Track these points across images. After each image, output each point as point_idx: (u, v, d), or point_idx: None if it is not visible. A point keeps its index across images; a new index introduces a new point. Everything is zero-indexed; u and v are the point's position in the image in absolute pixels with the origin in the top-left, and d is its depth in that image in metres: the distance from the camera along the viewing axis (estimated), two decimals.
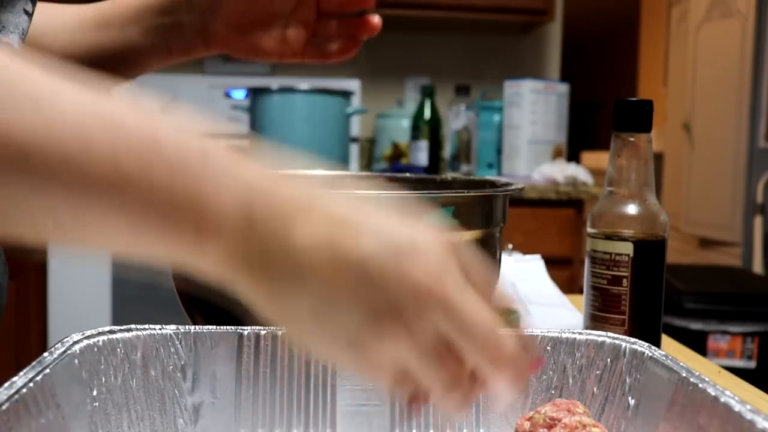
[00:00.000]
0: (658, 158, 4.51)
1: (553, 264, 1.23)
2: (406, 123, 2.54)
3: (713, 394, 0.41)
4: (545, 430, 0.46)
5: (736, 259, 3.59)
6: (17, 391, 0.38)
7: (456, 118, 2.52)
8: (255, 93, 2.13)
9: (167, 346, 0.50)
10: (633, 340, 0.50)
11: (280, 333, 0.51)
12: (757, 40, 3.57)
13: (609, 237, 0.71)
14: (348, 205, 0.35)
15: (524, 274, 1.08)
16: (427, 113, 2.45)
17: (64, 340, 0.46)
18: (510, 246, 1.19)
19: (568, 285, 2.01)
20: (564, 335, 0.52)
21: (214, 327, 0.51)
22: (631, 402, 0.48)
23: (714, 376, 0.73)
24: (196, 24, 0.70)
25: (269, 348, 0.51)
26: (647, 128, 0.72)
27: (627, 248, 0.70)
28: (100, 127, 0.33)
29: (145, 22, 0.71)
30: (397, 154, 2.53)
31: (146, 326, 0.50)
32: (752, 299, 2.11)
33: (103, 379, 0.46)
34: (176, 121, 0.35)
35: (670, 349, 0.83)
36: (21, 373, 0.40)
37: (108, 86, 0.36)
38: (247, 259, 0.35)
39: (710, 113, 3.98)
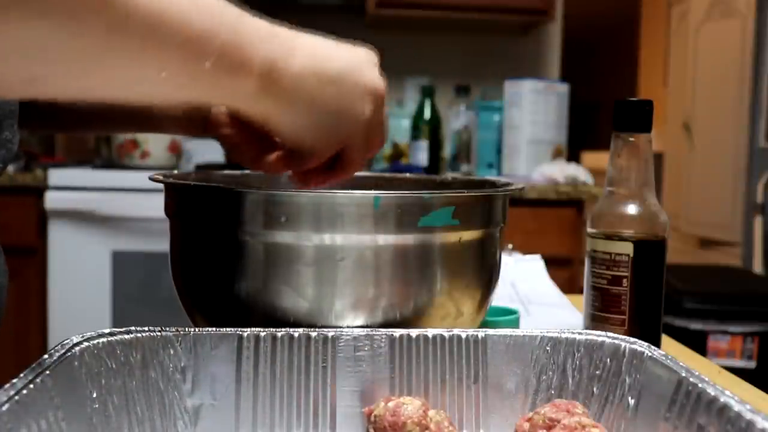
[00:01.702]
0: (658, 158, 4.51)
1: (553, 264, 1.23)
2: (406, 123, 2.54)
3: (713, 394, 0.41)
4: (544, 431, 0.46)
5: (736, 259, 3.60)
6: (17, 393, 0.38)
7: (456, 118, 2.52)
8: None
9: (167, 348, 0.50)
10: (633, 340, 0.50)
11: (279, 334, 0.51)
12: (757, 40, 3.57)
13: (609, 237, 0.71)
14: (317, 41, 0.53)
15: (524, 274, 1.08)
16: (427, 113, 2.45)
17: (64, 342, 0.46)
18: (510, 246, 1.19)
19: (568, 285, 2.01)
20: (564, 335, 0.52)
21: (214, 329, 0.51)
22: (631, 402, 0.48)
23: (714, 376, 0.73)
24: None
25: (269, 350, 0.51)
26: (647, 128, 0.72)
27: (627, 248, 0.70)
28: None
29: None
30: (397, 154, 2.53)
31: (146, 328, 0.50)
32: (752, 299, 2.11)
33: (103, 381, 0.46)
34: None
35: (670, 349, 0.83)
36: (21, 375, 0.40)
37: None
38: (266, 92, 0.50)
39: (710, 113, 3.98)
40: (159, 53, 0.43)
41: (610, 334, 0.52)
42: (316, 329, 0.51)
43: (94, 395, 0.45)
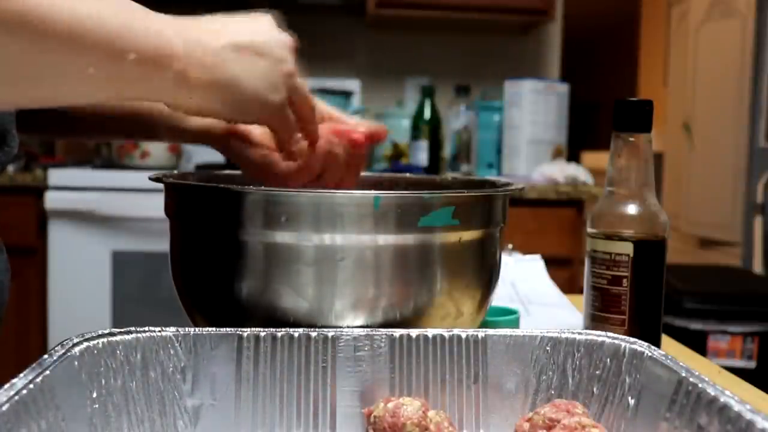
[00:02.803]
0: (658, 158, 4.51)
1: (553, 264, 1.23)
2: (406, 123, 2.54)
3: (713, 394, 0.41)
4: (544, 431, 0.46)
5: (736, 259, 3.59)
6: (17, 393, 0.38)
7: (456, 118, 2.52)
8: None
9: (167, 348, 0.50)
10: (633, 339, 0.50)
11: (279, 334, 0.51)
12: (757, 40, 3.56)
13: (609, 237, 0.71)
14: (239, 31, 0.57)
15: (524, 274, 1.08)
16: (427, 113, 2.45)
17: (64, 342, 0.46)
18: (510, 246, 1.19)
19: (568, 285, 2.01)
20: (564, 335, 0.52)
21: (214, 329, 0.51)
22: (631, 402, 0.48)
23: (714, 376, 0.73)
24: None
25: (269, 350, 0.51)
26: (647, 128, 0.72)
27: (627, 248, 0.70)
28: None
29: None
30: (397, 154, 2.53)
31: (146, 328, 0.50)
32: (752, 299, 2.11)
33: (103, 381, 0.46)
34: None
35: (670, 349, 0.83)
36: (21, 375, 0.40)
37: None
38: (193, 73, 0.53)
39: (710, 113, 3.98)
40: (80, 58, 0.46)
41: (610, 334, 0.52)
42: (316, 329, 0.51)
43: (94, 395, 0.45)
